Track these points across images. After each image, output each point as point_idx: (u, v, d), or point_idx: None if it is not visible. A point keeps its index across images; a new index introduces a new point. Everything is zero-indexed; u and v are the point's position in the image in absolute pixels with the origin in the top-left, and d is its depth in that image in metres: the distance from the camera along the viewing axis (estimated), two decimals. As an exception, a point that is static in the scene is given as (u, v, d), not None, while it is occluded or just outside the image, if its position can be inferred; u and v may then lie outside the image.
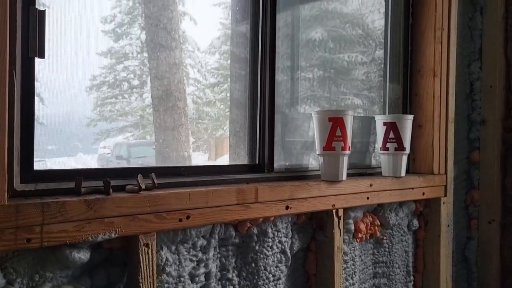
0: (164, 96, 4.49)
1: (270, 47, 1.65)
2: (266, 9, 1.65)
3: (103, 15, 6.13)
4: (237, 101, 1.76)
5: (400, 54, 2.19)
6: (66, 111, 3.35)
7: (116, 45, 7.40)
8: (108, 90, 7.33)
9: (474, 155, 2.46)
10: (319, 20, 2.05)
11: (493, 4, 2.42)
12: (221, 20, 5.64)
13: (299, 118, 1.88)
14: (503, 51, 2.41)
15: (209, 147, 6.83)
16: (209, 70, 9.38)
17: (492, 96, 2.42)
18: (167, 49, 4.50)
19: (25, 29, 1.13)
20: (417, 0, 2.18)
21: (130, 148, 5.26)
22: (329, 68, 2.07)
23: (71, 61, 2.99)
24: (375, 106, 2.21)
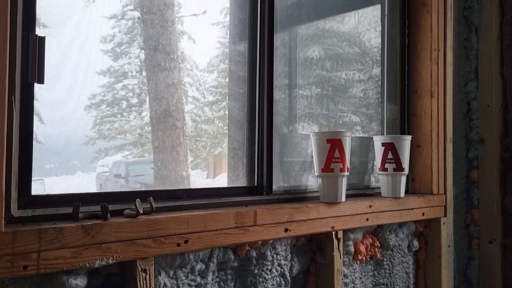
0: (163, 116, 4.51)
1: (268, 66, 1.67)
2: (264, 29, 1.66)
3: (102, 35, 6.17)
4: (235, 119, 1.76)
5: (397, 75, 2.21)
6: (64, 130, 3.34)
7: (115, 64, 7.42)
8: (107, 109, 7.33)
9: (473, 174, 2.46)
10: (316, 39, 2.07)
11: (488, 25, 2.45)
12: (219, 39, 5.62)
13: (297, 138, 1.88)
14: (500, 70, 2.43)
15: (207, 165, 6.82)
16: (207, 88, 9.41)
17: (489, 115, 2.43)
18: (165, 70, 4.54)
19: (24, 55, 1.14)
20: (412, 22, 2.20)
21: (128, 166, 5.24)
22: (326, 85, 2.08)
23: (70, 80, 3.00)
24: (373, 123, 2.22)
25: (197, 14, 6.00)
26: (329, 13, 2.14)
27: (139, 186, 5.17)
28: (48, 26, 3.69)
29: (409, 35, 2.22)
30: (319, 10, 2.06)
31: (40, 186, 1.49)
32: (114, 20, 6.03)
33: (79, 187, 3.34)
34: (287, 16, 1.85)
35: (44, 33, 1.41)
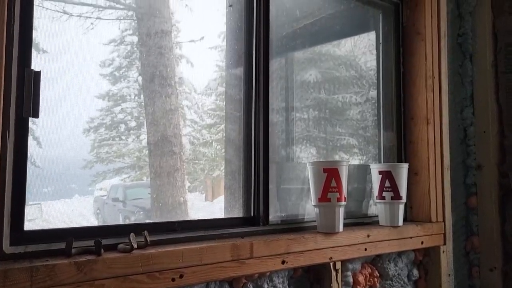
0: (160, 142, 4.50)
1: (263, 90, 1.66)
2: (259, 57, 1.67)
3: (101, 59, 6.19)
4: (232, 142, 1.76)
5: (393, 102, 2.22)
6: (63, 153, 3.32)
7: (114, 87, 7.45)
8: (105, 132, 7.32)
9: (471, 200, 2.44)
10: (313, 62, 2.09)
11: (482, 52, 2.47)
12: (217, 63, 5.67)
13: (295, 166, 1.88)
14: (495, 97, 2.44)
15: (205, 188, 6.76)
16: (205, 111, 9.42)
17: (486, 142, 2.43)
18: (163, 96, 4.56)
19: (20, 90, 1.14)
20: (407, 50, 2.23)
21: (126, 190, 5.20)
22: (324, 108, 2.09)
23: (69, 104, 3.00)
24: (370, 146, 2.22)
25: (194, 40, 6.05)
26: (324, 40, 2.16)
27: (136, 210, 5.12)
28: (48, 51, 3.70)
29: (404, 62, 2.24)
30: (315, 38, 2.08)
31: (37, 210, 1.48)
32: (113, 44, 6.06)
33: (77, 210, 3.32)
34: (283, 45, 1.86)
35: (43, 58, 1.43)
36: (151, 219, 4.84)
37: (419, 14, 2.18)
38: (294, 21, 1.87)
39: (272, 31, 1.71)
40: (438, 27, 2.19)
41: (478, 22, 2.49)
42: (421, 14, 2.17)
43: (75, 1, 5.34)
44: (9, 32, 1.11)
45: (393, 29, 2.24)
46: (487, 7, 2.46)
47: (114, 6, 5.54)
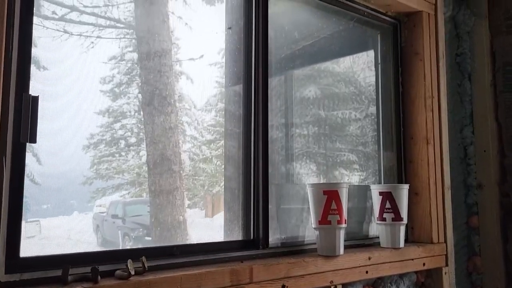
0: (159, 160, 4.49)
1: (263, 108, 1.65)
2: (258, 76, 1.67)
3: (102, 76, 6.20)
4: (232, 158, 1.74)
5: (392, 122, 2.21)
6: (62, 170, 3.31)
7: (114, 104, 7.45)
8: (105, 148, 7.29)
9: (473, 220, 2.42)
10: (312, 79, 2.09)
11: (481, 72, 2.48)
12: (217, 79, 5.71)
13: (294, 187, 1.86)
14: (494, 116, 2.44)
15: (205, 204, 6.72)
16: (205, 127, 9.38)
17: (486, 161, 2.42)
18: (162, 114, 4.57)
19: (17, 115, 1.13)
20: (406, 70, 2.23)
21: (125, 206, 5.17)
22: (323, 124, 2.08)
23: (69, 120, 3.00)
24: (370, 161, 2.21)
25: (194, 59, 6.08)
26: (323, 60, 2.17)
27: (136, 227, 5.08)
28: (48, 68, 3.71)
29: (403, 82, 2.24)
30: (314, 58, 2.09)
31: (35, 228, 1.46)
32: (113, 61, 6.09)
33: (76, 227, 3.29)
34: (281, 66, 1.87)
35: (43, 75, 1.44)
36: (150, 237, 4.80)
37: (417, 35, 2.19)
38: (292, 43, 1.87)
39: (271, 53, 1.71)
40: (437, 48, 2.20)
41: (476, 42, 2.50)
42: (419, 34, 2.18)
43: (75, 20, 5.38)
44: (7, 57, 1.11)
45: (392, 49, 2.25)
46: (484, 27, 2.48)
47: (114, 25, 5.59)
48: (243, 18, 1.70)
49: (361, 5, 2.06)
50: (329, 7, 1.99)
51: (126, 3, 5.88)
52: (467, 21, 2.52)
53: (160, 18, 5.06)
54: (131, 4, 5.71)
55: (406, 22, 2.24)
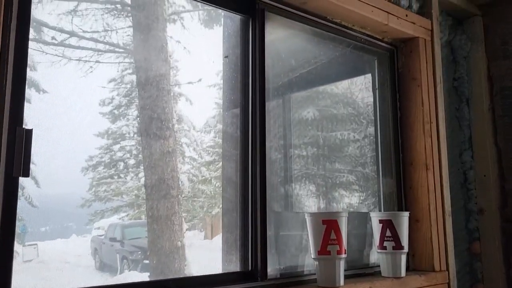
0: (157, 185, 4.46)
1: (260, 132, 1.63)
2: (256, 104, 1.65)
3: (101, 98, 6.16)
4: (230, 180, 1.72)
5: (391, 148, 2.20)
6: (61, 192, 3.27)
7: (113, 126, 7.44)
8: (104, 170, 7.29)
9: (475, 246, 2.39)
10: (310, 100, 2.08)
11: (479, 96, 2.48)
12: (215, 100, 5.58)
13: (293, 216, 1.83)
14: (494, 140, 2.43)
15: (205, 225, 6.63)
16: (204, 149, 9.36)
17: (487, 185, 2.40)
18: (161, 139, 4.56)
19: (10, 148, 1.11)
20: (403, 95, 2.23)
21: (124, 229, 5.10)
22: (322, 145, 2.07)
23: (68, 143, 2.95)
24: (369, 182, 2.18)
25: (192, 82, 6.02)
26: (320, 84, 2.17)
27: (134, 250, 5.00)
28: (48, 91, 3.67)
29: (401, 107, 2.23)
30: (311, 84, 2.09)
31: (33, 252, 1.43)
32: (113, 83, 6.06)
33: (73, 251, 3.24)
34: (279, 94, 1.86)
35: (43, 98, 1.42)
36: (148, 260, 4.71)
37: (414, 60, 2.19)
38: (290, 71, 1.87)
39: (268, 80, 1.71)
40: (434, 73, 2.20)
41: (473, 67, 2.51)
42: (416, 60, 2.19)
43: (74, 45, 5.37)
44: (1, 90, 1.10)
45: (389, 74, 2.25)
46: (481, 52, 2.49)
47: (113, 50, 5.60)
48: (240, 46, 1.70)
49: (357, 32, 2.07)
50: (326, 34, 1.99)
51: (125, 28, 5.88)
52: (464, 46, 2.53)
53: (158, 43, 5.08)
54: (130, 29, 5.72)
55: (402, 48, 2.25)
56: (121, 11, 6.50)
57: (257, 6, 1.68)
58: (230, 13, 1.71)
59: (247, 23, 1.70)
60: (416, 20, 2.17)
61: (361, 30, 2.08)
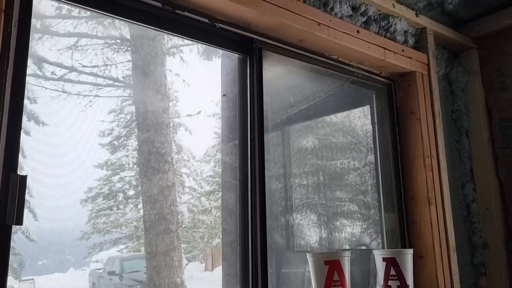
0: (156, 220, 4.40)
1: (259, 161, 1.61)
2: (254, 142, 1.63)
3: (101, 129, 6.15)
4: (230, 211, 1.68)
5: (392, 183, 2.17)
6: (59, 225, 3.21)
7: (112, 157, 7.41)
8: (103, 202, 7.19)
9: (481, 281, 2.33)
10: (310, 129, 2.07)
11: (478, 128, 2.47)
12: (215, 129, 5.56)
13: (294, 255, 1.79)
14: (495, 172, 2.41)
15: (205, 256, 6.49)
16: (204, 179, 9.30)
17: (490, 219, 2.36)
18: (160, 172, 4.53)
19: (4, 196, 1.09)
20: (402, 129, 2.22)
21: (123, 262, 4.98)
22: (322, 174, 2.05)
23: (67, 175, 2.93)
24: (371, 211, 2.15)
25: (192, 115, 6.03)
26: (319, 117, 2.17)
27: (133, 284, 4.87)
28: (48, 124, 3.67)
29: (401, 141, 2.22)
30: (310, 118, 2.09)
31: (30, 287, 1.39)
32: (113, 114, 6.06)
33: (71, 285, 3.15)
34: (277, 130, 1.85)
35: (43, 130, 1.41)
36: (147, 297, 4.57)
37: (412, 94, 2.20)
38: (288, 107, 1.87)
39: (267, 117, 1.70)
40: (432, 106, 2.20)
41: (471, 99, 2.51)
42: (413, 94, 2.19)
43: (74, 80, 5.41)
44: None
45: (387, 108, 2.25)
46: (478, 84, 2.50)
47: (112, 84, 5.63)
48: (238, 85, 1.70)
49: (355, 67, 2.08)
50: (323, 70, 2.00)
51: (124, 62, 5.95)
52: (461, 78, 2.54)
53: (157, 77, 5.13)
54: (129, 63, 5.78)
55: (400, 82, 2.26)
56: (121, 46, 6.61)
57: (254, 45, 1.70)
58: (228, 52, 1.72)
59: (245, 61, 1.71)
60: (413, 55, 2.18)
61: (359, 66, 2.09)
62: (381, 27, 2.09)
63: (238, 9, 1.54)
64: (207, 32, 1.61)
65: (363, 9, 1.99)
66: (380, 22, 2.08)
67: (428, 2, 2.37)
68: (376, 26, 2.07)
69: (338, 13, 1.90)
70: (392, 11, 2.07)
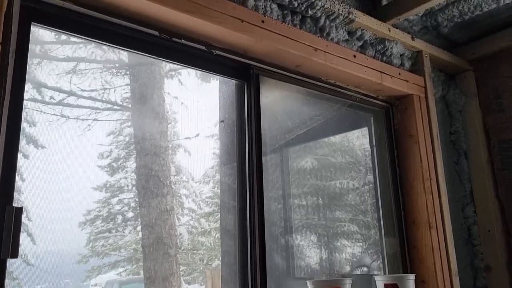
0: (155, 244, 4.35)
1: (257, 183, 1.60)
2: (253, 160, 1.62)
3: (100, 151, 6.12)
4: (230, 233, 1.66)
5: (392, 206, 2.15)
6: (57, 249, 3.18)
7: (111, 179, 7.35)
8: (101, 224, 7.12)
9: (485, 305, 2.29)
10: (308, 149, 2.07)
11: (476, 149, 2.47)
12: (214, 150, 5.54)
13: (296, 284, 1.77)
14: (495, 194, 2.40)
15: (205, 279, 6.39)
16: (203, 200, 9.23)
17: (492, 241, 2.34)
18: (158, 196, 4.50)
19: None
20: (401, 152, 2.22)
21: (122, 285, 4.91)
22: (322, 194, 2.04)
23: (65, 197, 2.91)
24: (372, 231, 2.12)
25: (190, 137, 6.03)
26: (316, 139, 2.17)
27: (132, 308, 4.77)
28: (46, 146, 3.69)
29: (400, 165, 2.21)
30: (308, 141, 2.09)
31: None
32: (111, 136, 6.07)
33: None
34: (276, 155, 1.85)
35: (41, 153, 1.41)
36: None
37: (409, 117, 2.20)
38: (286, 132, 1.87)
39: (265, 143, 1.70)
40: (430, 129, 2.20)
41: (469, 120, 2.52)
42: (411, 116, 2.19)
43: (72, 104, 5.40)
44: (-8, 169, 1.08)
45: (385, 131, 2.25)
46: (475, 106, 2.51)
47: (111, 108, 5.64)
48: (236, 111, 1.70)
49: (352, 91, 2.09)
50: (321, 94, 2.01)
51: (122, 86, 5.97)
52: (458, 100, 2.55)
53: (156, 100, 5.14)
54: (127, 87, 5.82)
55: (397, 105, 2.26)
56: (119, 69, 6.65)
57: (251, 71, 1.70)
58: (225, 78, 1.73)
59: (242, 87, 1.72)
60: (409, 78, 2.19)
61: (356, 89, 2.10)
62: (378, 51, 2.11)
63: (235, 36, 1.56)
64: (204, 59, 1.62)
65: (359, 34, 2.01)
66: (376, 46, 2.10)
67: (423, 25, 2.40)
68: (373, 50, 2.09)
69: (335, 38, 1.91)
70: (388, 35, 2.08)
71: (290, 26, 1.72)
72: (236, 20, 1.53)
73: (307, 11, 1.79)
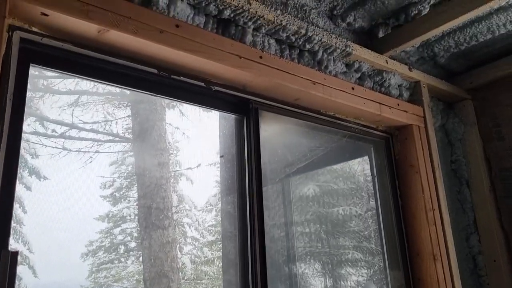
0: (157, 278, 4.29)
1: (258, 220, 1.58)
2: (253, 189, 1.61)
3: (102, 181, 6.09)
4: (231, 261, 1.62)
5: (395, 238, 2.12)
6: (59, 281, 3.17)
7: (114, 208, 7.34)
8: (104, 255, 7.07)
9: None
10: (310, 176, 2.05)
11: (478, 178, 2.46)
12: (216, 178, 5.65)
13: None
14: (499, 223, 2.37)
15: (209, 311, 6.21)
16: (206, 228, 9.17)
17: (498, 272, 2.30)
18: (160, 228, 4.46)
19: (-5, 273, 1.06)
20: (402, 182, 2.20)
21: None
22: (325, 221, 2.01)
23: (67, 229, 2.90)
24: (376, 258, 2.08)
25: (191, 168, 6.04)
26: (317, 169, 2.16)
27: None
28: (49, 178, 3.66)
29: (401, 195, 2.20)
30: (308, 171, 2.08)
31: None
32: (114, 166, 6.08)
33: None
34: (277, 187, 1.84)
35: (44, 184, 1.39)
36: None
37: (410, 147, 2.20)
38: (286, 166, 1.87)
39: (265, 176, 1.69)
40: (431, 158, 2.19)
41: (469, 149, 2.51)
42: (411, 146, 2.19)
43: (74, 137, 5.43)
44: (-11, 213, 1.07)
45: (386, 161, 2.24)
46: (475, 134, 2.51)
47: (113, 140, 5.67)
48: (235, 145, 1.70)
49: (351, 122, 2.09)
50: (320, 126, 2.01)
51: (124, 117, 6.00)
52: (457, 128, 2.56)
53: (157, 132, 5.16)
54: (129, 118, 5.87)
55: (397, 135, 2.26)
56: (121, 101, 6.71)
57: (251, 105, 1.71)
58: (225, 113, 1.74)
59: (242, 122, 1.72)
60: (408, 108, 2.20)
61: (355, 121, 2.11)
62: (376, 82, 2.13)
63: (233, 72, 1.57)
64: (203, 95, 1.63)
65: (357, 66, 2.03)
66: (374, 77, 2.12)
67: (420, 56, 2.42)
68: (371, 81, 2.10)
69: (333, 71, 1.93)
70: (385, 66, 2.10)
71: (288, 61, 1.73)
72: (234, 57, 1.55)
73: (304, 45, 1.81)
